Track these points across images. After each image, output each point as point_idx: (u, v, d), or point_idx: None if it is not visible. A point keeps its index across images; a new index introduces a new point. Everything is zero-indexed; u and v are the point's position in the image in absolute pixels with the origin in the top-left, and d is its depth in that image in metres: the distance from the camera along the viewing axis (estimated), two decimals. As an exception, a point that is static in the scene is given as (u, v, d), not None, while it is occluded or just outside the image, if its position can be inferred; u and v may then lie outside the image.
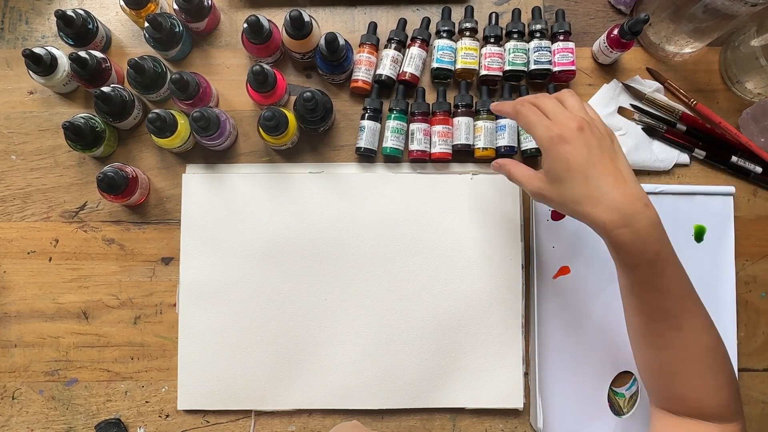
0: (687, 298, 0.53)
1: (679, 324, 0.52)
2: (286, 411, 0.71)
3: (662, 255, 0.51)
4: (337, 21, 0.76)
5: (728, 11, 0.63)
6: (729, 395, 0.54)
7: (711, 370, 0.53)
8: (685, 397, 0.54)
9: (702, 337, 0.53)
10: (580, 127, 0.52)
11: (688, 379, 0.53)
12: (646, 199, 0.51)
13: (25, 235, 0.73)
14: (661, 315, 0.53)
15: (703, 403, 0.54)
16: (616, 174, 0.52)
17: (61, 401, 0.71)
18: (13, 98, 0.74)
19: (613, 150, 0.54)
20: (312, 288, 0.71)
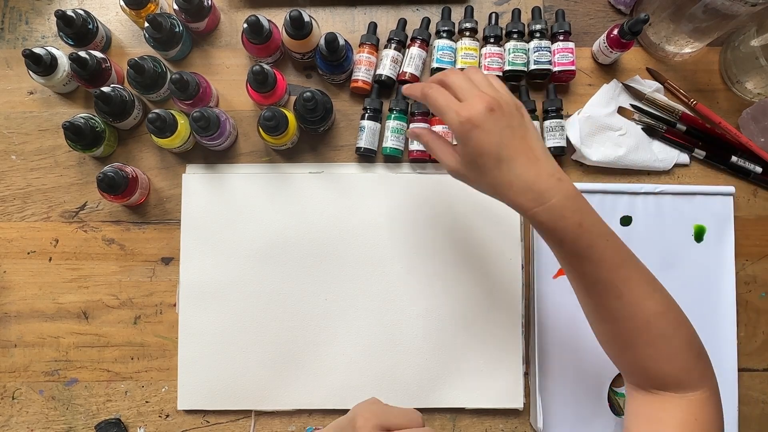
0: (622, 266, 0.52)
1: (618, 293, 0.51)
2: (286, 411, 0.71)
3: (585, 226, 0.51)
4: (337, 21, 0.76)
5: (728, 11, 0.63)
6: (686, 361, 0.52)
7: (661, 338, 0.52)
8: (644, 367, 0.53)
9: (645, 304, 0.51)
10: (489, 108, 0.50)
11: (641, 349, 0.52)
12: (559, 174, 0.51)
13: (25, 235, 0.73)
14: (599, 287, 0.52)
15: (661, 372, 0.52)
16: (527, 153, 0.51)
17: (61, 401, 0.71)
18: (13, 98, 0.74)
19: (523, 127, 0.52)
20: (312, 288, 0.71)
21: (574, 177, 0.74)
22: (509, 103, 0.52)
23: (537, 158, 0.51)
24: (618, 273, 0.51)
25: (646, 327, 0.51)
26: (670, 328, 0.52)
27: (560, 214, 0.50)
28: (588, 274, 0.52)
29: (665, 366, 0.52)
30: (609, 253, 0.51)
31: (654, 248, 0.72)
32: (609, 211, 0.73)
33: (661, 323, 0.52)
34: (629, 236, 0.72)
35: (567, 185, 0.51)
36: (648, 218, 0.73)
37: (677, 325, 0.53)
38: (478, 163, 0.52)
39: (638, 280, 0.52)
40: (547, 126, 0.72)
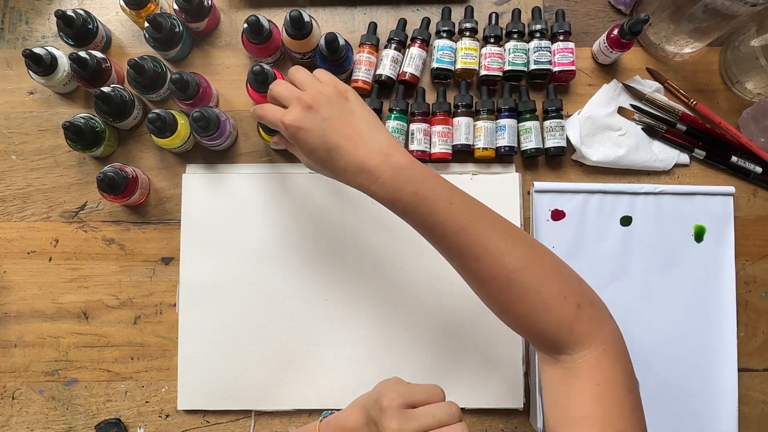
0: (471, 227, 0.51)
1: (475, 255, 0.51)
2: (286, 411, 0.71)
3: (422, 194, 0.51)
4: (337, 21, 0.76)
5: (728, 11, 0.63)
6: (564, 315, 0.50)
7: (528, 293, 0.50)
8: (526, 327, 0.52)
9: (503, 262, 0.50)
10: (306, 107, 0.53)
11: (515, 308, 0.51)
12: (387, 148, 0.52)
13: (25, 235, 0.73)
14: (455, 251, 0.52)
15: (542, 330, 0.51)
16: (352, 136, 0.53)
17: (61, 401, 0.71)
18: (13, 98, 0.74)
19: (345, 111, 0.54)
20: (312, 288, 0.71)
21: (574, 177, 0.74)
22: (328, 93, 0.54)
23: (363, 139, 0.53)
24: (468, 235, 0.51)
25: (510, 284, 0.51)
26: (535, 282, 0.50)
27: (394, 187, 0.51)
28: (440, 240, 0.52)
29: (542, 322, 0.51)
30: (453, 217, 0.51)
31: (654, 248, 0.72)
32: (609, 211, 0.73)
33: (524, 278, 0.50)
34: (629, 236, 0.72)
35: (397, 158, 0.52)
36: (648, 218, 0.73)
37: (543, 278, 0.51)
38: (313, 158, 0.55)
39: (493, 239, 0.51)
40: (547, 126, 0.72)
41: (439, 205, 0.51)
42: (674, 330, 0.72)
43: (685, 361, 0.72)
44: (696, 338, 0.72)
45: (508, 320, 0.54)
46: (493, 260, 0.51)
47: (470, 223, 0.51)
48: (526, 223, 0.73)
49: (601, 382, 0.49)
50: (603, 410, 0.48)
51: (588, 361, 0.50)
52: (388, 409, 0.47)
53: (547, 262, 0.52)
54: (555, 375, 0.52)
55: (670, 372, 0.72)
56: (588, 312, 0.51)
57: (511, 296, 0.51)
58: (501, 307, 0.53)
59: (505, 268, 0.51)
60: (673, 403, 0.71)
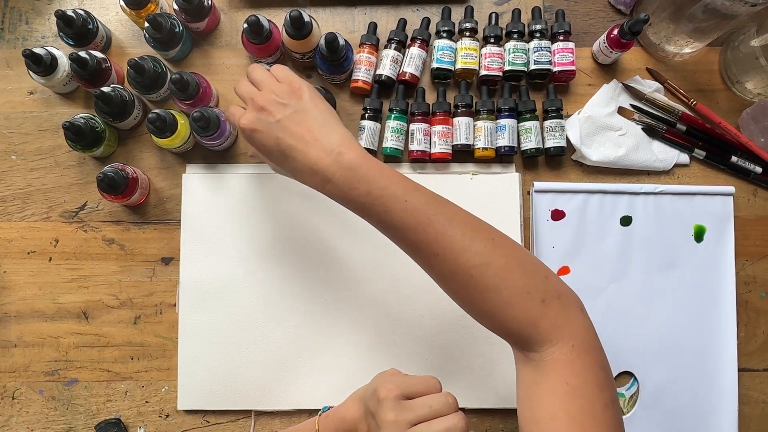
0: (428, 224, 0.50)
1: (434, 252, 0.50)
2: (286, 411, 0.71)
3: (375, 193, 0.50)
4: (337, 21, 0.76)
5: (728, 11, 0.63)
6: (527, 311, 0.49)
7: (489, 290, 0.49)
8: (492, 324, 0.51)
9: (462, 259, 0.49)
10: (259, 108, 0.53)
11: (478, 305, 0.50)
12: (339, 147, 0.51)
13: (25, 235, 0.73)
14: (414, 249, 0.51)
15: (507, 327, 0.50)
16: (304, 136, 0.52)
17: (61, 401, 0.71)
18: (13, 98, 0.74)
19: (299, 110, 0.53)
20: (312, 288, 0.71)
21: (574, 177, 0.74)
22: (281, 93, 0.54)
23: (315, 138, 0.52)
24: (425, 232, 0.50)
25: (470, 281, 0.49)
26: (495, 279, 0.49)
27: (347, 187, 0.51)
28: (399, 238, 0.52)
29: (506, 319, 0.50)
30: (409, 214, 0.50)
31: (654, 248, 0.72)
32: (609, 211, 0.73)
33: (484, 275, 0.49)
34: (629, 236, 0.73)
35: (348, 156, 0.51)
36: (648, 218, 0.73)
37: (505, 273, 0.49)
38: (271, 159, 0.55)
39: (450, 235, 0.50)
40: (547, 126, 0.72)
41: (394, 203, 0.50)
42: (674, 330, 0.72)
43: (685, 361, 0.72)
44: (696, 338, 0.72)
45: (474, 317, 0.53)
46: (451, 257, 0.50)
47: (427, 219, 0.50)
48: (526, 223, 0.73)
49: (571, 380, 0.47)
50: (572, 410, 0.46)
51: (556, 358, 0.48)
52: (384, 401, 0.48)
53: (509, 256, 0.50)
54: (526, 373, 0.51)
55: (670, 372, 0.72)
56: (554, 307, 0.50)
57: (473, 293, 0.50)
58: (465, 303, 0.52)
59: (464, 265, 0.49)
60: (673, 403, 0.71)
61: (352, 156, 0.51)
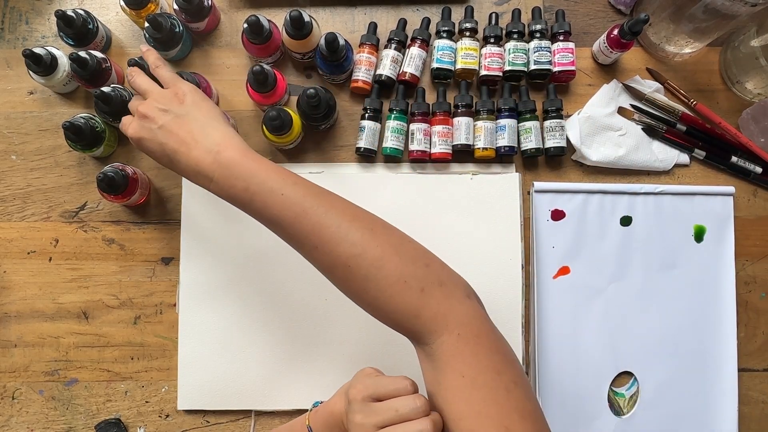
0: (303, 216, 0.50)
1: (313, 245, 0.50)
2: (286, 411, 0.71)
3: (252, 189, 0.52)
4: (337, 21, 0.76)
5: (728, 11, 0.63)
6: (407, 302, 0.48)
7: (369, 280, 0.49)
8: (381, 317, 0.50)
9: (339, 251, 0.49)
10: (143, 116, 0.56)
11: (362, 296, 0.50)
12: (218, 146, 0.53)
13: (25, 235, 0.73)
14: (295, 242, 0.52)
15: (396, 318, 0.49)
16: (186, 140, 0.54)
17: (61, 401, 0.71)
18: (13, 98, 0.74)
19: (180, 114, 0.55)
20: (312, 288, 0.71)
21: (574, 177, 0.74)
22: (163, 100, 0.56)
23: (195, 140, 0.54)
24: (303, 224, 0.50)
25: (349, 272, 0.49)
26: (371, 269, 0.48)
27: (227, 185, 0.52)
28: (280, 232, 0.52)
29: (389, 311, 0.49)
30: (287, 207, 0.51)
31: (654, 248, 0.72)
32: (609, 211, 0.73)
33: (361, 265, 0.49)
34: (629, 236, 0.73)
35: (226, 155, 0.53)
36: (648, 218, 0.73)
37: (380, 262, 0.48)
38: (162, 164, 0.57)
39: (327, 226, 0.50)
40: (547, 126, 0.72)
41: (271, 197, 0.51)
42: (674, 330, 0.72)
43: (685, 361, 0.72)
44: (696, 338, 0.72)
45: (364, 309, 0.52)
46: (329, 248, 0.50)
47: (304, 212, 0.50)
48: (526, 223, 0.73)
49: (465, 372, 0.46)
50: (476, 404, 0.44)
51: (446, 350, 0.47)
52: (353, 402, 0.47)
53: (385, 245, 0.49)
54: (427, 372, 0.49)
55: (670, 372, 0.72)
56: (435, 296, 0.48)
57: (353, 284, 0.50)
58: (351, 296, 0.51)
59: (341, 256, 0.49)
60: (673, 403, 0.72)
61: (230, 154, 0.53)
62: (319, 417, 0.55)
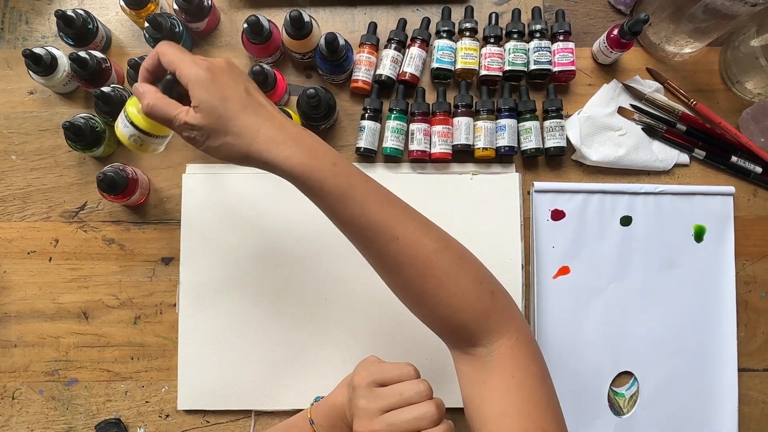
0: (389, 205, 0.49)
1: (394, 235, 0.48)
2: (286, 411, 0.71)
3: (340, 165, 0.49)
4: (337, 21, 0.76)
5: (728, 11, 0.63)
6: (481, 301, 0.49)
7: (448, 276, 0.49)
8: (444, 317, 0.50)
9: (423, 242, 0.49)
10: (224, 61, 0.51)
11: (433, 294, 0.49)
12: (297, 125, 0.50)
13: (25, 235, 0.73)
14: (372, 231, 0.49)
15: (460, 318, 0.49)
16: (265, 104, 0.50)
17: (61, 401, 0.71)
18: (13, 98, 0.74)
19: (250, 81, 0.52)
20: (312, 288, 0.71)
21: (575, 177, 0.74)
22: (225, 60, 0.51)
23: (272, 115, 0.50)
24: (388, 212, 0.49)
25: (429, 267, 0.49)
26: (454, 265, 0.49)
27: (314, 153, 0.48)
28: (357, 217, 0.49)
29: (460, 310, 0.49)
30: (372, 193, 0.49)
31: (654, 248, 0.72)
32: (609, 211, 0.73)
33: (444, 260, 0.49)
34: (629, 236, 0.73)
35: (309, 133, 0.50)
36: (648, 218, 0.73)
37: (461, 261, 0.50)
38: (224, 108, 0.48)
39: (410, 219, 0.50)
40: (547, 126, 0.72)
41: (357, 180, 0.49)
42: (674, 330, 0.72)
43: (685, 361, 0.72)
44: (696, 338, 0.72)
45: (425, 310, 0.51)
46: (412, 241, 0.49)
47: (389, 201, 0.50)
48: (526, 223, 0.73)
49: (516, 374, 0.48)
50: (520, 403, 0.47)
51: (503, 352, 0.49)
52: (357, 388, 0.48)
53: (458, 246, 0.51)
54: (470, 373, 0.50)
55: (670, 372, 0.72)
56: (501, 299, 0.50)
57: (430, 281, 0.49)
58: (418, 294, 0.50)
59: (425, 248, 0.49)
60: (673, 403, 0.72)
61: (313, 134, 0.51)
62: (320, 410, 0.56)
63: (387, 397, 0.47)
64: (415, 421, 0.45)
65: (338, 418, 0.54)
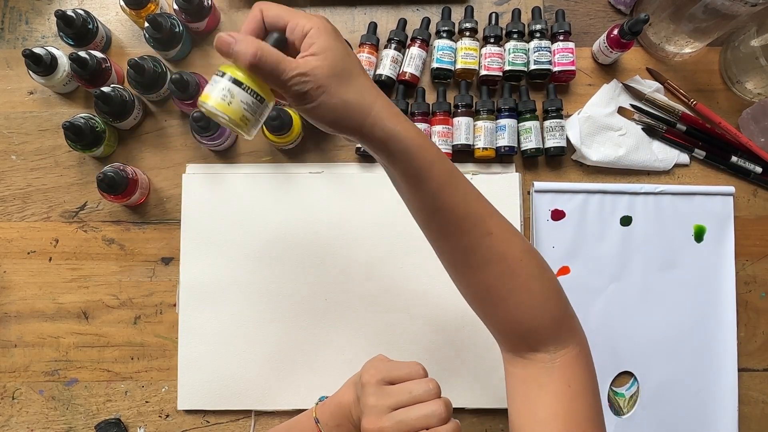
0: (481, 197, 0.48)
1: (488, 229, 0.47)
2: (286, 411, 0.71)
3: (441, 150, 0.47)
4: (337, 21, 0.76)
5: (728, 11, 0.63)
6: (557, 308, 0.50)
7: (533, 278, 0.48)
8: (519, 320, 0.49)
9: (515, 240, 0.48)
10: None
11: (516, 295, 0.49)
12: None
13: (25, 235, 0.73)
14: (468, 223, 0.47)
15: (535, 322, 0.49)
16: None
17: (61, 401, 0.71)
18: (13, 98, 0.74)
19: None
20: (312, 288, 0.71)
21: (575, 177, 0.74)
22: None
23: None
24: (484, 205, 0.47)
25: (519, 266, 0.48)
26: (539, 269, 0.49)
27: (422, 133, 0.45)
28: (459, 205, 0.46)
29: (538, 315, 0.49)
30: (469, 183, 0.47)
31: (654, 248, 0.72)
32: (609, 211, 0.73)
33: (531, 262, 0.48)
34: (629, 236, 0.73)
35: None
36: (648, 218, 0.73)
37: (544, 266, 0.50)
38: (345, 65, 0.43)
39: (500, 216, 0.48)
40: (547, 126, 0.72)
41: (456, 168, 0.48)
42: (674, 330, 0.72)
43: (685, 361, 0.72)
44: (696, 338, 0.72)
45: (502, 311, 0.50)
46: (505, 237, 0.48)
47: (481, 196, 0.48)
48: (526, 223, 0.73)
49: (573, 383, 0.49)
50: (571, 412, 0.48)
51: (564, 361, 0.49)
52: (366, 385, 0.48)
53: (539, 252, 0.51)
54: (524, 376, 0.50)
55: (670, 372, 0.72)
56: (571, 310, 0.51)
57: (517, 280, 0.48)
58: (501, 294, 0.49)
59: (516, 247, 0.48)
60: (673, 403, 0.72)
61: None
62: (326, 409, 0.56)
63: (396, 395, 0.47)
64: (424, 419, 0.45)
65: (344, 417, 0.54)
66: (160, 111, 0.74)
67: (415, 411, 0.46)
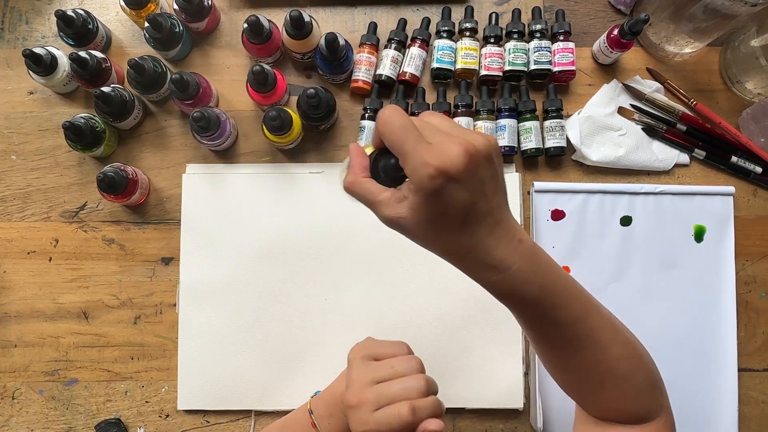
0: (585, 318, 0.45)
1: (584, 345, 0.46)
2: (286, 411, 0.71)
3: (548, 287, 0.42)
4: (337, 21, 0.76)
5: (728, 11, 0.63)
6: (649, 399, 0.50)
7: (626, 379, 0.48)
8: (608, 408, 0.50)
9: (610, 351, 0.47)
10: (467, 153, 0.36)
11: (605, 393, 0.49)
12: (519, 234, 0.41)
13: (25, 235, 0.73)
14: (562, 343, 0.46)
15: (626, 411, 0.50)
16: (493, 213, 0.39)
17: (61, 401, 0.71)
18: (13, 98, 0.74)
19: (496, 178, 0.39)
20: (312, 288, 0.71)
21: (575, 177, 0.74)
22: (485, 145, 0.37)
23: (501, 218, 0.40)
24: (582, 326, 0.46)
25: (609, 372, 0.47)
26: (632, 369, 0.48)
27: (523, 279, 0.41)
28: (550, 333, 0.46)
29: (630, 406, 0.49)
30: (572, 309, 0.45)
31: (654, 248, 0.72)
32: (609, 211, 0.73)
33: (623, 366, 0.48)
34: (629, 236, 0.73)
35: (527, 245, 0.41)
36: (648, 218, 0.73)
37: (639, 363, 0.49)
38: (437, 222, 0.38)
39: (602, 328, 0.47)
40: (547, 126, 0.72)
41: (561, 298, 0.43)
42: (674, 330, 0.72)
43: (685, 361, 0.72)
44: (696, 338, 0.72)
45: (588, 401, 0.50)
46: (600, 350, 0.46)
47: (586, 313, 0.45)
48: (526, 223, 0.73)
49: None
50: None
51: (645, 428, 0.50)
52: (351, 361, 0.51)
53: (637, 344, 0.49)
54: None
55: (670, 372, 0.71)
56: (661, 390, 0.51)
57: (608, 383, 0.48)
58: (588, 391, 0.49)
59: (609, 357, 0.47)
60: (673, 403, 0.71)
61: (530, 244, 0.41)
62: (320, 400, 0.57)
63: (379, 370, 0.49)
64: (404, 392, 0.48)
65: (336, 407, 0.55)
66: (160, 111, 0.74)
67: (396, 384, 0.48)
